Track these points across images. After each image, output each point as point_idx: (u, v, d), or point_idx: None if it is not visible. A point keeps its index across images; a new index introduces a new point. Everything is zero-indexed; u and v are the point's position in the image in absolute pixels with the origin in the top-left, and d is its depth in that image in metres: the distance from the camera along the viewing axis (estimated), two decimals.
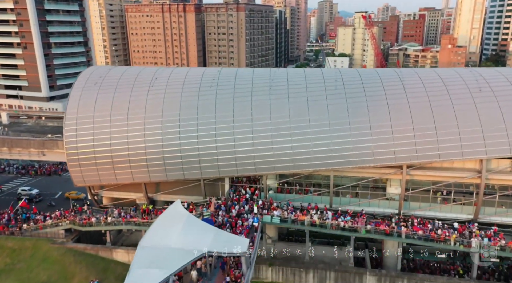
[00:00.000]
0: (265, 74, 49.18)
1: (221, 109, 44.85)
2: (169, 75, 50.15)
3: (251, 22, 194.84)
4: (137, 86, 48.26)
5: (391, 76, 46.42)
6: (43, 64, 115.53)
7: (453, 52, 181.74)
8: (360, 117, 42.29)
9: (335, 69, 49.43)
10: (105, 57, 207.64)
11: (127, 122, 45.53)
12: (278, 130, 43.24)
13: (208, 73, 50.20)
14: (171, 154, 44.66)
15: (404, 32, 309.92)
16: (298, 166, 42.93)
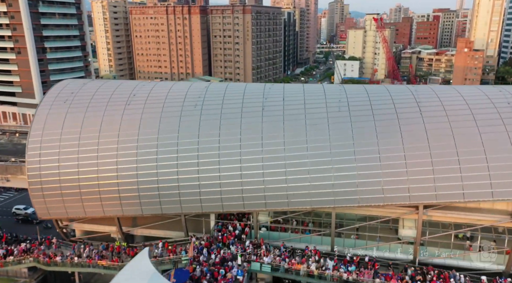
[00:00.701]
0: (258, 91, 42.67)
1: (206, 134, 38.52)
2: (149, 91, 43.95)
3: (258, 24, 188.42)
4: (112, 104, 42.16)
5: (405, 95, 39.56)
6: (37, 69, 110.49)
7: (470, 56, 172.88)
8: (368, 146, 35.58)
9: (339, 86, 42.76)
10: (109, 60, 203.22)
11: (98, 147, 39.44)
12: (270, 160, 36.78)
13: (193, 90, 43.88)
14: (147, 185, 38.47)
15: (417, 34, 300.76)
16: (294, 202, 36.39)
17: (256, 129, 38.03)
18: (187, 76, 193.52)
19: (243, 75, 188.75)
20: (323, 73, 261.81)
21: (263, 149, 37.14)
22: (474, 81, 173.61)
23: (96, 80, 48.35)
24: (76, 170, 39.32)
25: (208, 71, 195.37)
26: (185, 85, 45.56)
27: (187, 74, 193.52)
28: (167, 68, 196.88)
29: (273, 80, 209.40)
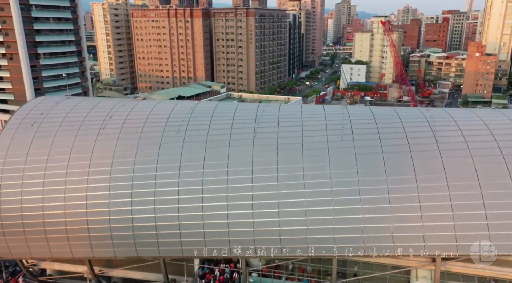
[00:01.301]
0: (249, 114, 37.48)
1: (188, 166, 33.43)
2: (128, 113, 38.94)
3: (262, 27, 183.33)
4: (84, 128, 37.22)
5: (418, 121, 34.19)
6: (29, 76, 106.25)
7: (482, 61, 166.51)
8: (375, 183, 30.30)
9: (342, 109, 37.44)
10: (109, 63, 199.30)
11: (66, 179, 34.50)
12: (261, 198, 31.61)
13: (177, 112, 38.81)
14: (120, 224, 33.45)
15: (426, 36, 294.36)
16: (288, 249, 31.14)
17: (246, 161, 32.88)
18: (189, 80, 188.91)
19: (246, 80, 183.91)
20: (329, 77, 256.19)
21: (253, 184, 31.99)
22: (486, 86, 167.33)
23: (72, 98, 43.50)
24: (41, 205, 34.41)
25: (210, 75, 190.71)
26: (169, 105, 40.44)
27: (189, 78, 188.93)
28: (169, 72, 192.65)
29: (277, 84, 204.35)
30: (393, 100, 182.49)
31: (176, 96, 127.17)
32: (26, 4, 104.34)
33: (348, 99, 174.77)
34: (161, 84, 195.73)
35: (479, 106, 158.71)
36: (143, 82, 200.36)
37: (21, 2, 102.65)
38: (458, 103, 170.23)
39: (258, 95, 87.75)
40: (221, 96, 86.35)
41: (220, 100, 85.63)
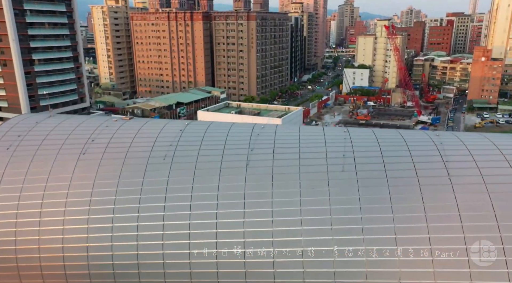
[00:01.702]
0: (243, 138, 34.42)
1: (174, 198, 30.42)
2: (112, 135, 35.99)
3: (263, 31, 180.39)
4: (64, 153, 34.29)
5: (427, 149, 31.04)
6: (23, 83, 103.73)
7: (488, 66, 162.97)
8: (381, 222, 27.18)
9: (344, 133, 34.28)
10: (109, 67, 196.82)
11: (41, 210, 31.57)
12: (254, 235, 28.53)
13: (165, 134, 35.82)
14: (98, 261, 30.46)
15: (430, 39, 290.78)
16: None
17: (238, 193, 29.83)
18: (189, 84, 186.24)
19: (247, 84, 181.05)
20: (331, 81, 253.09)
21: (245, 219, 28.93)
22: (492, 92, 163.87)
23: (54, 117, 40.57)
24: (13, 239, 31.47)
25: (211, 79, 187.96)
26: (156, 127, 37.42)
27: (189, 83, 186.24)
28: (169, 76, 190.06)
29: (278, 88, 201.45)
30: (397, 106, 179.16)
31: (175, 102, 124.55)
32: (20, 9, 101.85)
33: (351, 105, 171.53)
34: (161, 88, 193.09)
35: (485, 113, 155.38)
36: (142, 86, 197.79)
37: (15, 8, 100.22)
38: (464, 109, 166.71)
39: (257, 104, 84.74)
40: (220, 106, 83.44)
41: (219, 109, 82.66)
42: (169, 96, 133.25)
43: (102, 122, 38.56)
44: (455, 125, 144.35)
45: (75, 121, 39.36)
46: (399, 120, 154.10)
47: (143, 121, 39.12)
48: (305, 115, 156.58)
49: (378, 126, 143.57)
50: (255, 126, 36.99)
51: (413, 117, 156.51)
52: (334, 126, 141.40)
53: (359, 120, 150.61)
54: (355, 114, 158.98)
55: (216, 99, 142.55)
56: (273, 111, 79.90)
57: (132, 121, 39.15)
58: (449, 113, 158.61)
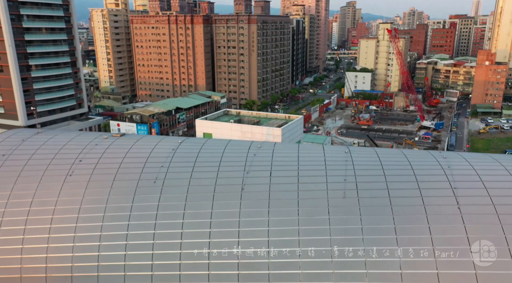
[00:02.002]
0: (239, 158, 32.59)
1: (164, 225, 28.61)
2: (101, 154, 34.22)
3: (264, 35, 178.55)
4: (49, 174, 32.56)
5: (434, 173, 29.15)
6: (19, 89, 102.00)
7: (492, 70, 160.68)
8: (385, 255, 25.25)
9: (345, 154, 32.39)
10: (109, 71, 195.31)
11: (23, 237, 29.81)
12: (249, 267, 26.67)
13: (157, 153, 34.02)
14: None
15: (432, 41, 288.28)
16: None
17: (232, 220, 28.00)
18: (189, 88, 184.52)
19: (248, 88, 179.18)
20: (333, 84, 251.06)
21: (239, 250, 27.05)
22: (496, 96, 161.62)
23: (42, 134, 38.73)
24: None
25: (211, 83, 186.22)
26: (148, 145, 35.60)
27: (189, 86, 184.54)
28: (169, 80, 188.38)
29: (280, 92, 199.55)
30: (399, 110, 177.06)
31: (174, 108, 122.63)
32: (17, 14, 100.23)
33: (352, 109, 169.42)
34: (161, 92, 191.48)
35: (489, 118, 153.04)
36: (142, 89, 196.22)
37: (11, 13, 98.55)
38: (467, 114, 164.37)
39: (257, 112, 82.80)
40: (218, 114, 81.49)
41: (217, 117, 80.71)
42: (168, 101, 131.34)
43: (91, 140, 36.77)
44: (459, 130, 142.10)
45: (63, 139, 37.57)
46: (402, 125, 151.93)
47: (135, 138, 37.28)
48: (306, 120, 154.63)
49: (380, 131, 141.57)
50: (251, 145, 35.18)
51: (416, 122, 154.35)
52: (336, 134, 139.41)
53: (361, 126, 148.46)
54: (357, 119, 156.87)
55: (216, 104, 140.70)
56: (273, 119, 77.93)
57: (123, 138, 37.34)
58: (453, 118, 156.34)
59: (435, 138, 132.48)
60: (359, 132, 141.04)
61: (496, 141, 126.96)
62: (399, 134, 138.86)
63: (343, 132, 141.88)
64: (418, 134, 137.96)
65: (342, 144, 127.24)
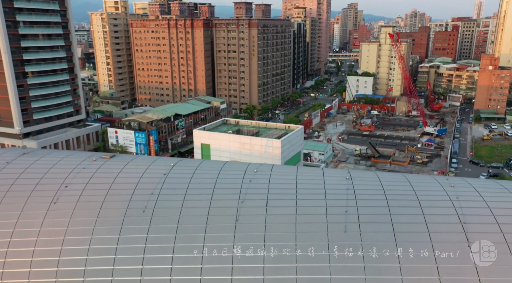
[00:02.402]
0: (233, 186, 30.70)
1: (153, 260, 26.74)
2: (88, 179, 32.40)
3: (265, 39, 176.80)
4: (33, 200, 30.79)
5: (441, 206, 27.23)
6: (15, 97, 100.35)
7: (495, 75, 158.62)
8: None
9: (347, 180, 30.52)
10: (108, 75, 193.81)
11: (3, 271, 27.99)
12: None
13: (148, 179, 32.18)
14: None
15: (435, 44, 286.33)
16: None
17: (225, 256, 26.10)
18: (189, 92, 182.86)
19: (248, 93, 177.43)
20: (335, 88, 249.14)
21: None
22: (499, 102, 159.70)
23: (29, 155, 36.90)
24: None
25: (211, 88, 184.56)
26: (138, 169, 33.75)
27: (189, 91, 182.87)
28: (169, 84, 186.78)
29: (281, 96, 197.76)
30: (401, 115, 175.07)
31: (173, 114, 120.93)
32: (12, 21, 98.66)
33: (354, 114, 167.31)
34: (160, 96, 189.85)
35: (493, 124, 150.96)
36: (142, 94, 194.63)
37: (7, 19, 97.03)
38: (471, 119, 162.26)
39: (256, 122, 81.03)
40: (217, 123, 79.79)
41: (216, 127, 78.95)
42: (167, 107, 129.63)
43: (79, 162, 34.95)
44: (462, 137, 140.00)
45: (50, 160, 35.76)
46: (404, 131, 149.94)
47: (125, 161, 35.44)
48: (307, 126, 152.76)
49: (382, 137, 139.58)
50: (247, 168, 33.32)
51: (419, 127, 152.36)
52: (337, 140, 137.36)
53: (363, 131, 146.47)
54: (358, 125, 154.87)
55: (216, 110, 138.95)
56: (272, 129, 76.09)
57: (112, 161, 35.52)
58: (456, 123, 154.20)
59: (438, 145, 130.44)
60: (360, 139, 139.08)
61: (500, 148, 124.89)
62: (401, 140, 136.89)
63: (345, 138, 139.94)
64: (421, 140, 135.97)
65: (343, 151, 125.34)
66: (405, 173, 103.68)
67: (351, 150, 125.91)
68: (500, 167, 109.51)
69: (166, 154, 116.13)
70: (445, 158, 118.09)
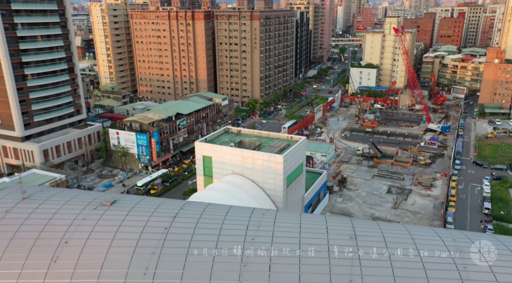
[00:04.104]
0: (237, 243, 30.21)
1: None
2: (89, 233, 31.98)
3: (267, 31, 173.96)
4: (34, 257, 30.42)
5: (446, 274, 26.71)
6: (15, 100, 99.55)
7: (501, 69, 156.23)
8: None
9: (351, 239, 29.95)
10: (109, 66, 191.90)
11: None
12: None
13: (149, 235, 31.66)
14: None
15: (440, 31, 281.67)
16: None
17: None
18: (191, 85, 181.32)
19: (250, 86, 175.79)
20: (337, 77, 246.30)
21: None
22: (505, 96, 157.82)
23: (27, 202, 36.31)
24: None
25: (213, 80, 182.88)
26: (139, 221, 33.20)
27: (191, 83, 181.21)
28: (170, 76, 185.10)
29: (283, 88, 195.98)
30: (405, 108, 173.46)
31: (174, 113, 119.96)
32: (10, 23, 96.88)
33: (357, 108, 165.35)
34: (162, 88, 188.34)
35: (497, 119, 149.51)
36: (143, 86, 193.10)
37: (4, 21, 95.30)
38: (475, 114, 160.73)
39: (258, 131, 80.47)
40: (219, 132, 79.29)
41: (218, 136, 78.33)
42: (168, 105, 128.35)
43: (79, 211, 34.47)
44: (466, 134, 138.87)
45: (50, 208, 35.25)
46: (407, 126, 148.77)
47: (126, 209, 34.87)
48: (309, 121, 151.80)
49: (385, 134, 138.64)
50: (250, 221, 32.82)
51: (422, 123, 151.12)
52: (339, 137, 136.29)
53: (365, 128, 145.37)
54: (361, 120, 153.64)
55: (218, 107, 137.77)
56: (275, 140, 75.54)
57: (113, 209, 35.00)
58: (460, 119, 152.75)
59: (442, 143, 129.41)
60: (363, 136, 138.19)
61: (504, 147, 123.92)
62: (404, 138, 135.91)
63: (347, 135, 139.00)
64: (424, 138, 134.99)
65: (346, 150, 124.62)
66: (409, 174, 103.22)
67: (353, 149, 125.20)
68: (504, 168, 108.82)
69: (168, 154, 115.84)
70: (448, 158, 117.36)
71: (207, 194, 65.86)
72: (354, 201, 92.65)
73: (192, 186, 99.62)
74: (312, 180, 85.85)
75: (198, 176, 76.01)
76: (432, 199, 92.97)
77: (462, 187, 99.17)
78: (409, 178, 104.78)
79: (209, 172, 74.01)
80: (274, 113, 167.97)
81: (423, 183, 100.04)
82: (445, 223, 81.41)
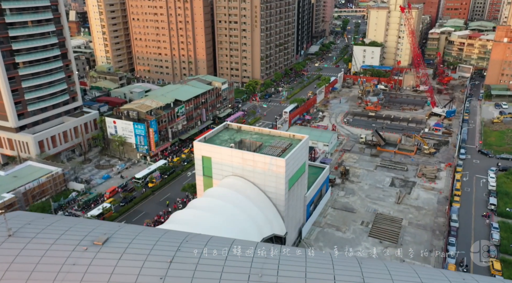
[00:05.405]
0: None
1: None
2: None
3: (268, 8, 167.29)
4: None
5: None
6: (7, 89, 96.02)
7: (510, 49, 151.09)
8: None
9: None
10: (105, 45, 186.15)
11: None
12: None
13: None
14: None
15: (446, 4, 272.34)
16: None
17: None
18: (189, 64, 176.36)
19: (250, 66, 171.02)
20: (339, 54, 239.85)
21: None
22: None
23: (13, 240, 34.06)
24: None
25: (212, 59, 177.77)
26: (133, 267, 31.04)
27: (189, 63, 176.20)
28: (168, 55, 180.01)
29: (284, 66, 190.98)
30: (409, 89, 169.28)
31: (173, 100, 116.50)
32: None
33: (359, 88, 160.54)
34: (159, 68, 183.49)
35: (503, 103, 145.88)
36: (141, 65, 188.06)
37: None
38: (481, 96, 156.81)
39: (259, 128, 77.59)
40: (219, 129, 76.66)
41: (217, 133, 75.65)
42: (166, 91, 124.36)
43: (69, 253, 32.29)
44: (471, 118, 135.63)
45: (37, 250, 33.07)
46: (411, 110, 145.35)
47: (119, 251, 32.64)
48: (311, 104, 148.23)
49: (388, 119, 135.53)
50: (252, 269, 30.68)
51: (426, 106, 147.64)
52: (342, 122, 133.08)
53: (369, 112, 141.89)
54: (364, 103, 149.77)
55: (217, 92, 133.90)
56: (276, 138, 72.89)
57: (105, 250, 32.77)
58: (465, 101, 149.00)
59: (446, 129, 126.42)
60: (366, 121, 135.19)
61: (510, 134, 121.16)
62: (408, 123, 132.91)
63: (350, 120, 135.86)
64: (428, 123, 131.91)
65: (348, 137, 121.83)
66: (412, 164, 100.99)
67: (356, 135, 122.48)
68: (510, 158, 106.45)
69: (166, 143, 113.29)
70: (453, 146, 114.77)
71: (206, 202, 63.83)
72: (357, 195, 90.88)
73: (191, 177, 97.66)
74: (315, 175, 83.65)
75: (197, 176, 73.75)
76: (436, 193, 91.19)
77: (466, 179, 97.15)
78: (412, 168, 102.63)
79: (208, 172, 71.74)
80: (275, 95, 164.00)
81: (427, 175, 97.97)
82: (450, 220, 79.89)
